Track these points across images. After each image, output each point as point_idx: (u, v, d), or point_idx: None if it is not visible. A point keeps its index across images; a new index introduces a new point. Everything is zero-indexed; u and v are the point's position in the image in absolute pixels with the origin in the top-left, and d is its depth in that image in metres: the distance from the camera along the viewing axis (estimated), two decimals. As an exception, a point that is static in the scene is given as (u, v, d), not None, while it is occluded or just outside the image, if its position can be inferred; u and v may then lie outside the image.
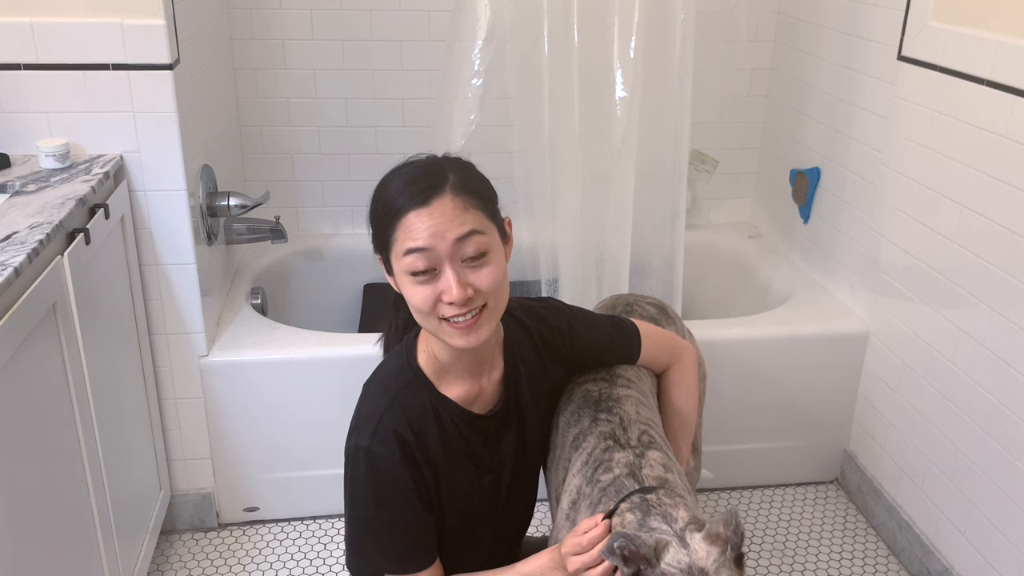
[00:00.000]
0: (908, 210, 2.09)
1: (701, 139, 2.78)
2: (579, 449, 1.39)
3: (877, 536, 2.26)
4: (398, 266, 1.23)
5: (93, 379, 1.62)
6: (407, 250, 1.20)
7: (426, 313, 1.22)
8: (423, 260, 1.19)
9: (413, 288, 1.22)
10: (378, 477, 1.28)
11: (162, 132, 1.85)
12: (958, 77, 1.89)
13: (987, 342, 1.83)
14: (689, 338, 1.81)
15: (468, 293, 1.20)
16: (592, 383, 1.49)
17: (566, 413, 1.48)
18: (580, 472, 1.35)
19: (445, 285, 1.20)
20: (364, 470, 1.28)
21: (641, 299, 1.80)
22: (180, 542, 2.19)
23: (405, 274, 1.22)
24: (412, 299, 1.22)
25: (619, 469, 1.29)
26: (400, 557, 1.32)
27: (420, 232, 1.19)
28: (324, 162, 2.70)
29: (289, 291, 2.67)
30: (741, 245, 2.85)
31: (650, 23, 1.96)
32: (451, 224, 1.20)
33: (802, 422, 2.35)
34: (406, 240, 1.20)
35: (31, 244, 1.39)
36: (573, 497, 1.35)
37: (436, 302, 1.21)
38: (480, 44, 1.91)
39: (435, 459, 1.32)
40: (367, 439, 1.28)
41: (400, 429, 1.28)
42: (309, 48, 2.56)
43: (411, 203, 1.20)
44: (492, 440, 1.39)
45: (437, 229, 1.19)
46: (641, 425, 1.39)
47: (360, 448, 1.28)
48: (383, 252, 1.26)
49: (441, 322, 1.23)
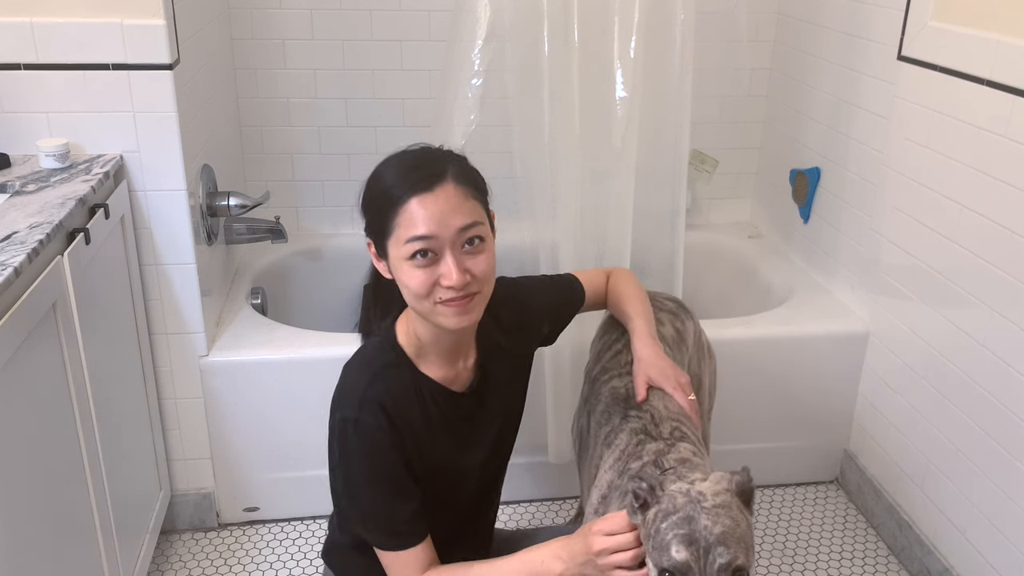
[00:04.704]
0: (908, 210, 2.09)
1: (701, 139, 2.78)
2: (611, 447, 1.42)
3: (877, 536, 2.26)
4: (397, 252, 1.25)
5: (93, 379, 1.62)
6: (412, 237, 1.22)
7: (422, 296, 1.25)
8: (427, 247, 1.22)
9: (412, 272, 1.24)
10: (368, 446, 1.30)
11: (162, 132, 1.85)
12: (958, 77, 1.89)
13: (987, 342, 1.83)
14: (704, 338, 1.82)
15: (466, 278, 1.24)
16: (617, 379, 1.53)
17: (596, 413, 1.52)
18: (612, 468, 1.38)
19: (445, 270, 1.23)
20: (353, 441, 1.30)
21: (658, 296, 1.81)
22: (180, 542, 2.19)
23: (403, 259, 1.24)
24: (410, 282, 1.24)
25: (648, 457, 1.33)
26: (395, 533, 1.34)
27: (424, 219, 1.21)
28: (324, 162, 2.70)
29: (289, 291, 2.67)
30: (741, 245, 2.85)
31: (650, 23, 1.96)
32: (454, 212, 1.23)
33: (802, 422, 2.35)
34: (409, 227, 1.22)
35: (31, 244, 1.39)
36: (603, 492, 1.38)
37: (434, 286, 1.24)
38: (480, 44, 1.91)
39: (417, 433, 1.34)
40: (353, 411, 1.30)
41: (384, 401, 1.30)
42: (309, 48, 2.56)
43: (414, 190, 1.23)
44: (468, 417, 1.42)
45: (441, 217, 1.22)
46: (673, 421, 1.42)
47: (348, 420, 1.30)
48: (378, 238, 1.28)
49: (436, 305, 1.26)
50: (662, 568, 1.08)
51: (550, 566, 1.27)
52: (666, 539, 1.08)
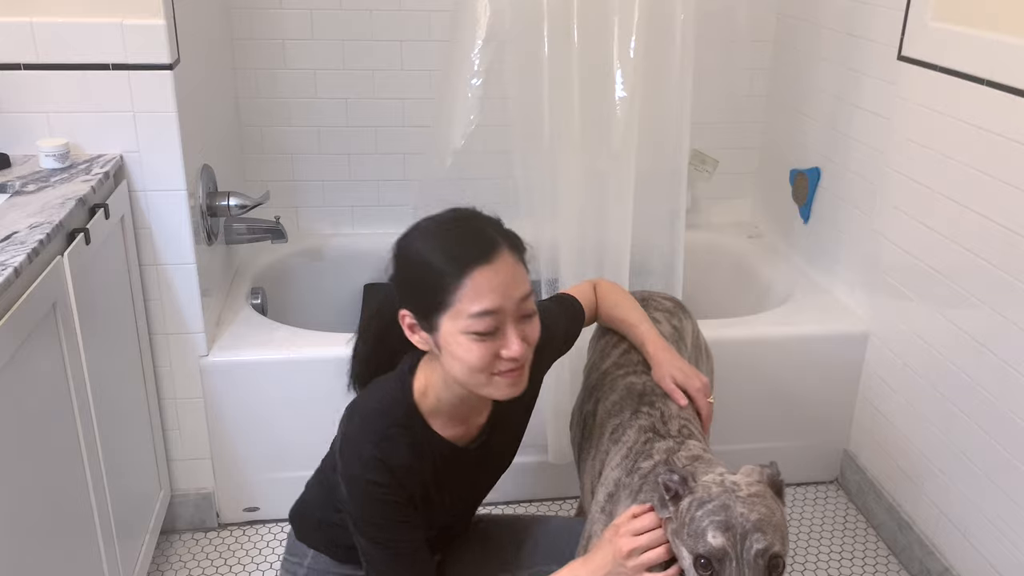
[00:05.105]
0: (908, 210, 2.09)
1: (701, 139, 2.77)
2: (618, 443, 1.41)
3: (877, 536, 2.26)
4: (454, 326, 1.19)
5: (93, 379, 1.62)
6: (478, 312, 1.17)
7: (480, 370, 1.20)
8: (492, 321, 1.18)
9: (471, 346, 1.19)
10: (375, 499, 1.29)
11: (162, 132, 1.85)
12: (958, 77, 1.89)
13: (987, 342, 1.83)
14: (702, 337, 1.82)
15: (526, 349, 1.21)
16: (634, 375, 1.53)
17: (607, 402, 1.51)
18: (620, 466, 1.38)
19: (507, 342, 1.19)
20: (361, 493, 1.29)
21: (655, 295, 1.82)
22: (180, 542, 2.19)
23: (462, 333, 1.18)
24: (467, 356, 1.19)
25: (659, 455, 1.33)
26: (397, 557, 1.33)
27: (489, 293, 1.17)
28: (324, 162, 2.70)
29: (289, 291, 2.67)
30: (741, 245, 2.85)
31: (650, 23, 1.95)
32: (514, 282, 1.19)
33: (802, 422, 2.35)
34: (473, 301, 1.17)
35: (31, 244, 1.39)
36: (610, 490, 1.37)
37: (494, 359, 1.20)
38: (480, 44, 1.91)
39: (424, 486, 1.34)
40: (360, 468, 1.28)
41: (390, 462, 1.28)
42: (309, 48, 2.56)
43: (475, 262, 1.18)
44: (474, 467, 1.42)
45: (504, 289, 1.18)
46: (682, 420, 1.42)
47: (355, 477, 1.29)
48: (428, 313, 1.22)
49: (492, 377, 1.22)
50: (698, 555, 1.08)
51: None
52: (702, 526, 1.09)
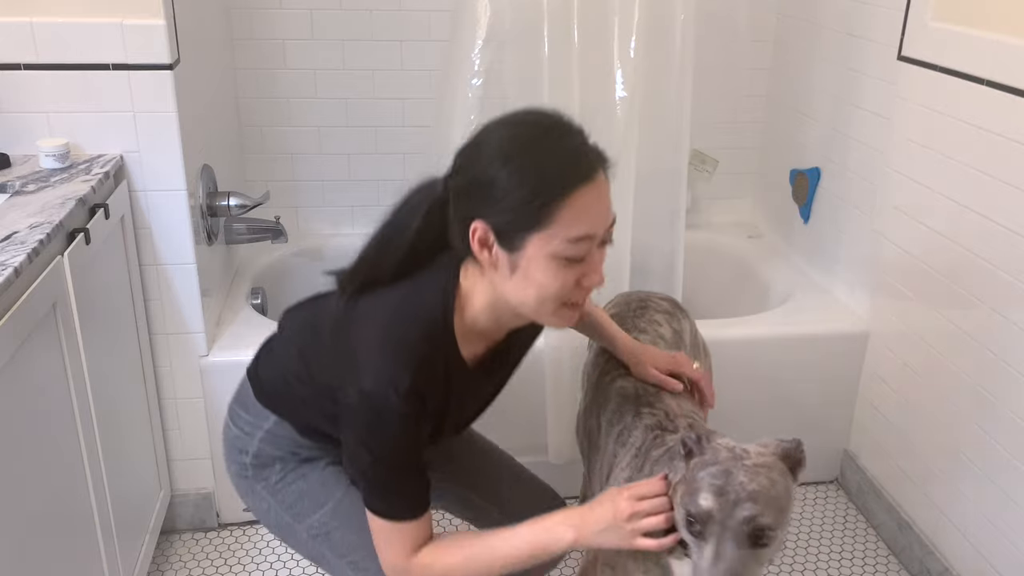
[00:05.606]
0: (908, 210, 2.09)
1: (701, 139, 2.78)
2: (626, 445, 1.40)
3: (877, 536, 2.26)
4: (545, 247, 1.07)
5: (93, 379, 1.62)
6: (576, 236, 1.06)
7: (555, 297, 1.11)
8: (586, 246, 1.08)
9: (557, 272, 1.09)
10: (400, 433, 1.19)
11: (162, 132, 1.85)
12: (958, 77, 1.89)
13: (987, 342, 1.83)
14: (700, 336, 1.82)
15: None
16: (622, 379, 1.53)
17: (607, 413, 1.51)
18: (629, 465, 1.37)
19: (591, 269, 1.10)
20: (386, 423, 1.18)
21: (653, 296, 1.82)
22: (180, 542, 2.19)
23: (551, 257, 1.08)
24: (550, 283, 1.09)
25: (672, 442, 1.32)
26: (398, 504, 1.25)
27: (589, 216, 1.07)
28: (324, 162, 2.70)
29: (289, 291, 2.67)
30: (741, 245, 2.85)
31: (650, 23, 1.96)
32: (608, 206, 1.10)
33: (802, 422, 2.35)
34: (572, 225, 1.06)
35: (31, 244, 1.39)
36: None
37: (573, 287, 1.12)
38: (480, 44, 1.91)
39: (437, 407, 1.25)
40: (396, 399, 1.16)
41: (423, 390, 1.18)
42: (309, 48, 2.56)
43: (579, 182, 1.06)
44: (471, 392, 1.35)
45: (604, 212, 1.10)
46: (687, 418, 1.42)
47: (388, 406, 1.16)
48: (517, 231, 1.08)
49: (562, 306, 1.13)
50: (687, 512, 1.09)
51: (560, 534, 1.20)
52: (699, 486, 1.09)
